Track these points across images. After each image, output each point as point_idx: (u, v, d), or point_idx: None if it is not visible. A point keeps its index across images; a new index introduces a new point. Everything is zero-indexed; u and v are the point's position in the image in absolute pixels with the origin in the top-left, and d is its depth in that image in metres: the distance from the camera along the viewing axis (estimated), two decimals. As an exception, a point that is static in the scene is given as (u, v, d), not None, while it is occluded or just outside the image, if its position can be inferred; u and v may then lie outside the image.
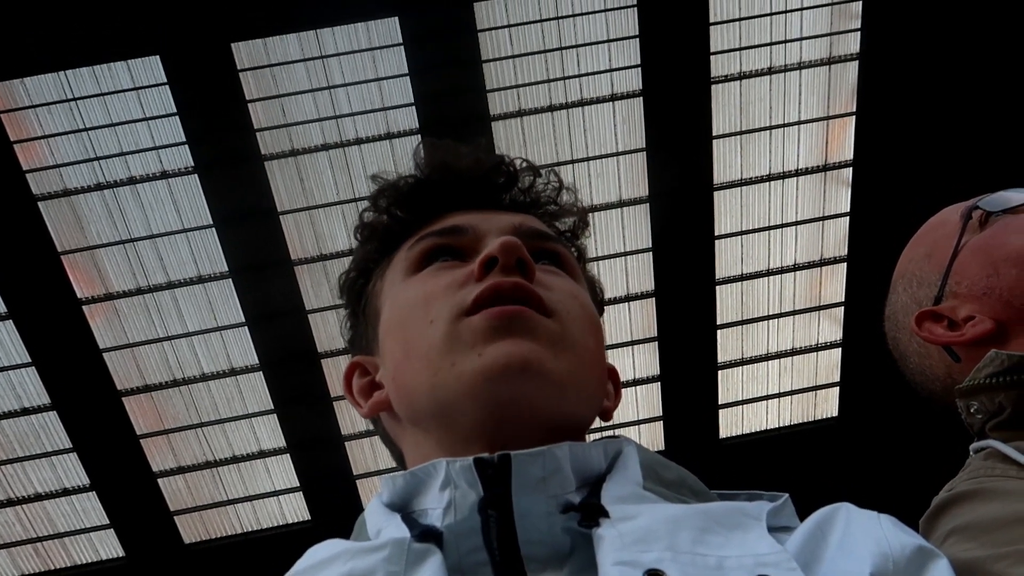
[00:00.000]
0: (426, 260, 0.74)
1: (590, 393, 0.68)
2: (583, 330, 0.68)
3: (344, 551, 0.57)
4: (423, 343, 0.66)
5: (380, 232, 0.81)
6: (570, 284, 0.73)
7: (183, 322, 7.16)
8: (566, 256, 0.77)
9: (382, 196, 0.81)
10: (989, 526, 0.75)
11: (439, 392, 0.64)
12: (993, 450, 0.86)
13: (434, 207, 0.78)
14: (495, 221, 0.75)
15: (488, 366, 0.61)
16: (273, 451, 7.85)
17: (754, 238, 7.61)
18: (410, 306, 0.70)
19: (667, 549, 0.50)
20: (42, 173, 6.39)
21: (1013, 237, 0.95)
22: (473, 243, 0.72)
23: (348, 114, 6.63)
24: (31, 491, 7.64)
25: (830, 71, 6.97)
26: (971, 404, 0.91)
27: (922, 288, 1.03)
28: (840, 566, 0.52)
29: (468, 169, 0.79)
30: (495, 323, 0.62)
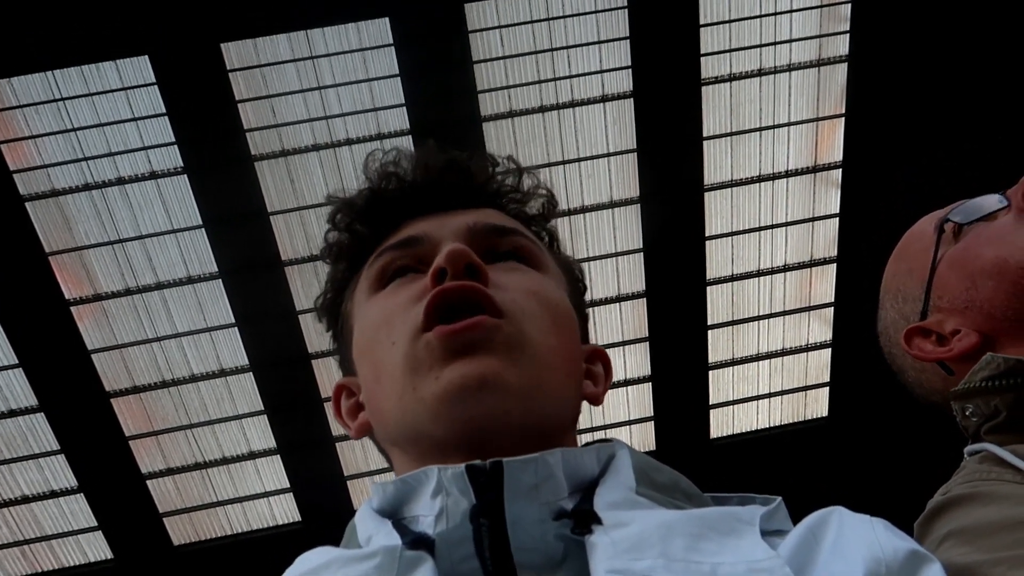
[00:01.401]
0: (387, 275, 0.73)
1: (558, 391, 0.67)
2: (542, 328, 0.66)
3: (335, 559, 0.57)
4: (388, 366, 0.66)
5: (344, 250, 0.81)
6: (530, 279, 0.71)
7: (172, 323, 7.13)
8: (527, 248, 0.75)
9: (339, 214, 0.81)
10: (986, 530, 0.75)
11: (406, 417, 0.64)
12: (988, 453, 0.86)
13: (391, 217, 0.78)
14: (449, 225, 0.73)
15: (444, 389, 0.61)
16: (263, 452, 7.82)
17: (744, 239, 7.64)
18: (374, 328, 0.70)
19: (660, 556, 0.50)
20: (30, 173, 6.34)
21: (985, 248, 0.94)
22: (430, 252, 0.71)
23: (339, 115, 6.62)
24: (18, 493, 7.58)
25: (819, 73, 7.01)
26: (966, 407, 0.91)
27: (907, 303, 1.04)
28: (833, 570, 0.52)
29: (419, 175, 0.78)
30: (447, 343, 0.62)
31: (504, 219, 0.77)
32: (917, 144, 7.11)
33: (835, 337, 8.13)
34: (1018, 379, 0.85)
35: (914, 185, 7.05)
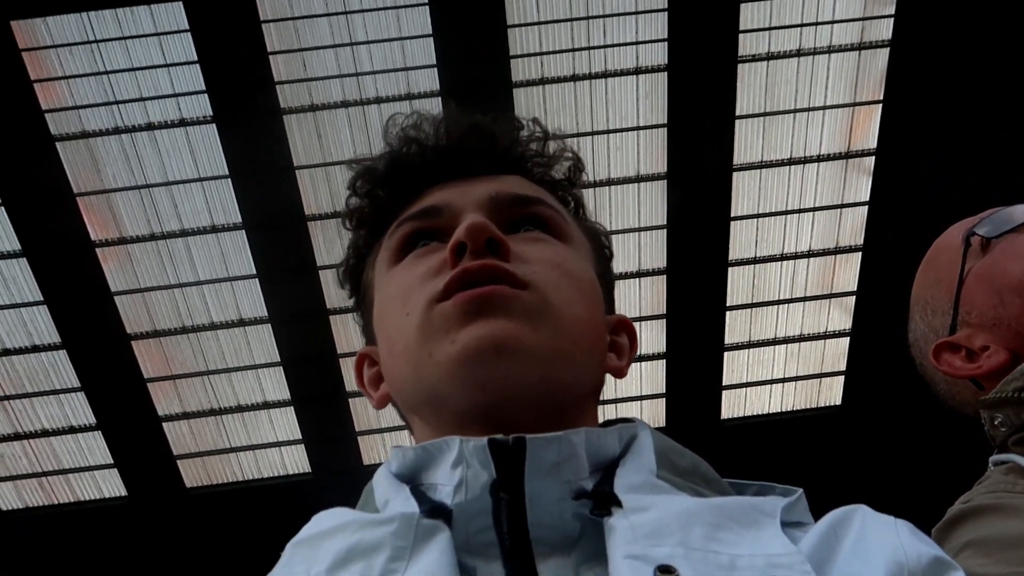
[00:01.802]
0: (407, 245, 0.72)
1: (581, 360, 0.66)
2: (568, 297, 0.65)
3: (352, 521, 0.57)
4: (403, 336, 0.65)
5: (365, 217, 0.80)
6: (553, 250, 0.69)
7: (195, 270, 7.20)
8: (551, 218, 0.73)
9: (359, 180, 0.79)
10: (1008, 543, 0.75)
11: (423, 384, 0.64)
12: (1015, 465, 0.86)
13: (413, 184, 0.76)
14: (471, 194, 0.72)
15: (461, 351, 0.60)
16: (277, 403, 7.93)
17: (770, 222, 7.55)
18: (391, 299, 0.69)
19: (679, 545, 0.49)
20: (61, 114, 6.39)
21: (1012, 264, 0.93)
22: (450, 222, 0.70)
23: (369, 72, 6.58)
24: (38, 427, 7.77)
25: (860, 57, 6.85)
26: (995, 416, 0.90)
27: (936, 316, 1.03)
28: (853, 571, 0.51)
29: (440, 140, 0.76)
30: (466, 307, 0.61)
31: (528, 187, 0.75)
32: (954, 137, 6.96)
33: (855, 326, 8.06)
34: None
35: (948, 178, 6.92)
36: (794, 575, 0.47)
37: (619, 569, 0.48)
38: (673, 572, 0.47)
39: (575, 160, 0.81)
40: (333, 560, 0.53)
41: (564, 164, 0.81)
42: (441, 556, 0.51)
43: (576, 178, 0.82)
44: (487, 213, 0.69)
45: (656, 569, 0.47)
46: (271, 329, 7.49)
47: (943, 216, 1.09)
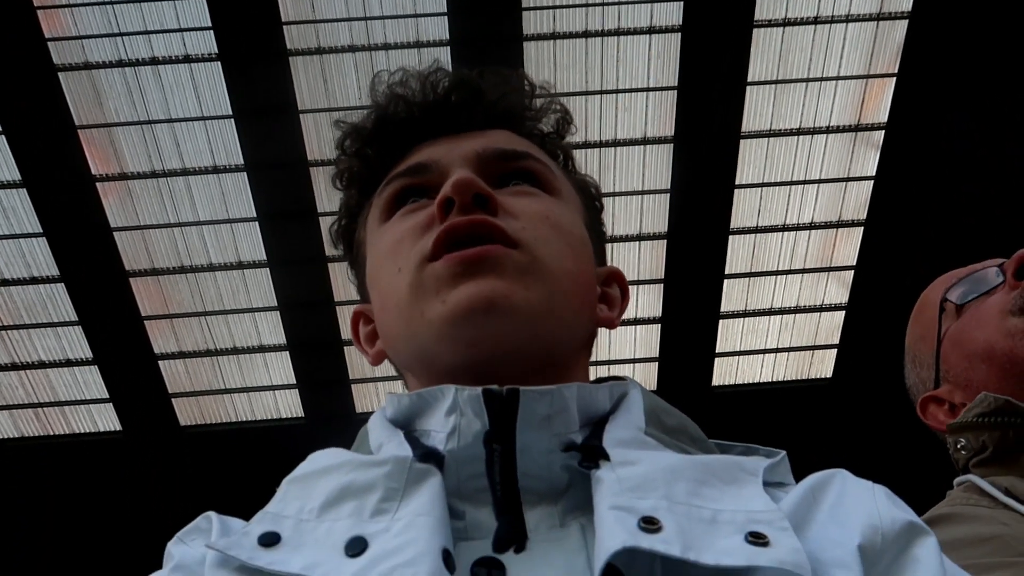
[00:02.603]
0: (396, 203, 0.72)
1: (571, 315, 0.67)
2: (557, 253, 0.66)
3: (346, 461, 0.58)
4: (394, 293, 0.66)
5: (355, 176, 0.80)
6: (542, 204, 0.70)
7: (195, 210, 7.18)
8: (540, 172, 0.73)
9: (347, 140, 0.79)
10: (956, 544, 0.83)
11: (414, 342, 0.65)
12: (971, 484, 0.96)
13: (401, 141, 0.76)
14: (458, 149, 0.72)
15: (451, 311, 0.61)
16: (273, 347, 7.99)
17: (774, 191, 7.52)
18: (382, 256, 0.70)
19: (663, 498, 0.50)
20: (64, 43, 6.29)
21: (976, 332, 1.03)
22: (438, 178, 0.70)
23: (379, 17, 6.47)
24: (35, 358, 7.82)
25: (877, 27, 6.74)
26: (959, 440, 1.01)
27: (923, 369, 1.14)
28: (829, 533, 0.52)
29: (427, 96, 0.75)
30: (456, 268, 0.62)
31: (516, 141, 0.75)
32: (968, 116, 6.88)
33: (851, 301, 8.08)
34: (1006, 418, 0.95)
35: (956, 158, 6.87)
36: (772, 530, 0.48)
37: (604, 519, 0.49)
38: (656, 524, 0.48)
39: (563, 113, 0.81)
40: (326, 498, 0.55)
41: (552, 117, 0.81)
42: (432, 498, 0.53)
43: (564, 131, 0.82)
44: (475, 168, 0.69)
45: (640, 520, 0.48)
46: (269, 273, 7.50)
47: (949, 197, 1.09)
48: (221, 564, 0.54)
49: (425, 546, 0.49)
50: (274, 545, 0.52)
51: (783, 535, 0.48)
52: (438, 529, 0.51)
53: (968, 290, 1.07)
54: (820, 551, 0.50)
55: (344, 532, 0.52)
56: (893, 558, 0.52)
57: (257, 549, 0.52)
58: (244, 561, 0.52)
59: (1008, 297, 1.01)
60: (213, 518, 0.63)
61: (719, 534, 0.48)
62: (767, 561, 0.46)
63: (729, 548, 0.47)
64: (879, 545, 0.51)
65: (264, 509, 0.57)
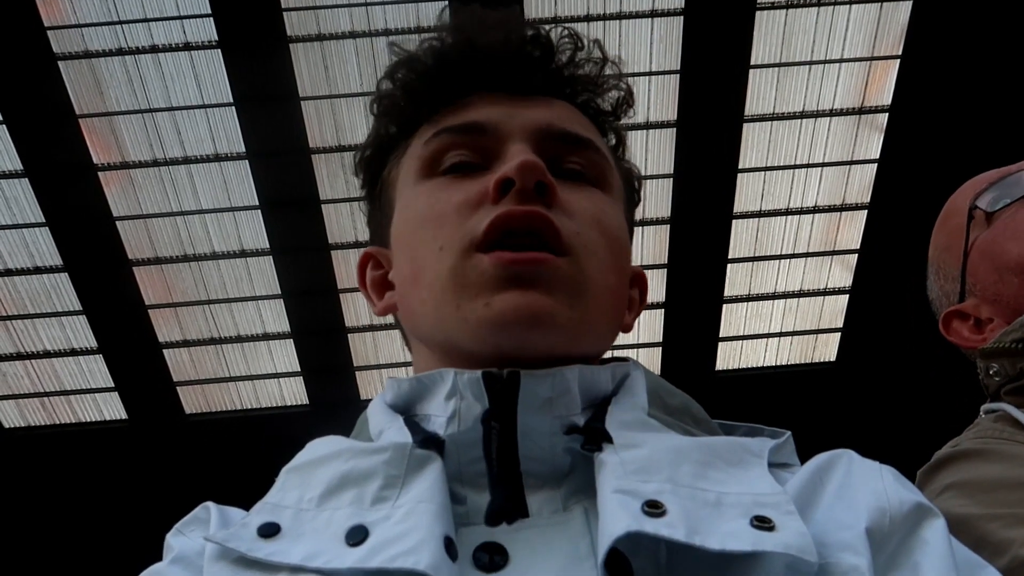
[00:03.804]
0: (441, 159, 0.67)
1: (606, 329, 0.66)
2: (603, 265, 0.64)
3: (346, 449, 0.58)
4: (430, 272, 0.62)
5: (397, 111, 0.73)
6: (595, 203, 0.66)
7: (197, 199, 7.17)
8: (598, 163, 0.69)
9: (400, 69, 0.72)
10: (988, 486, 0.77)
11: (441, 330, 0.62)
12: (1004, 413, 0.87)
13: (457, 87, 0.70)
14: (520, 118, 0.67)
15: (494, 318, 0.58)
16: (277, 335, 8.00)
17: (777, 175, 7.49)
18: (420, 221, 0.65)
19: (667, 481, 0.50)
20: (64, 31, 6.26)
21: (1010, 244, 0.94)
22: (494, 144, 0.66)
23: (379, 2, 6.43)
24: (40, 348, 7.85)
25: (881, 9, 6.68)
26: (991, 366, 0.92)
27: (948, 282, 1.04)
28: (836, 515, 0.51)
29: (496, 45, 0.69)
30: (505, 272, 0.59)
31: (580, 123, 0.71)
32: (971, 98, 6.84)
33: (855, 284, 8.06)
34: None
35: (960, 140, 6.82)
36: (778, 514, 0.48)
37: (607, 503, 0.49)
38: (660, 507, 0.47)
39: (627, 93, 0.76)
40: (326, 486, 0.55)
41: (615, 94, 0.76)
42: (433, 485, 0.52)
43: (624, 113, 0.77)
44: (535, 144, 0.65)
45: (644, 504, 0.47)
46: (272, 261, 7.50)
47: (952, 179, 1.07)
48: (220, 556, 0.54)
49: (427, 533, 0.48)
50: (274, 536, 0.52)
51: (789, 519, 0.48)
52: (440, 515, 0.50)
53: (1000, 195, 0.98)
54: (826, 534, 0.50)
55: (344, 521, 0.51)
56: (901, 540, 0.51)
57: (256, 540, 0.51)
58: (243, 553, 0.51)
59: None
60: (212, 508, 0.63)
61: (724, 518, 0.48)
62: (773, 546, 0.46)
63: (734, 532, 0.47)
64: (887, 527, 0.51)
65: (263, 499, 0.56)
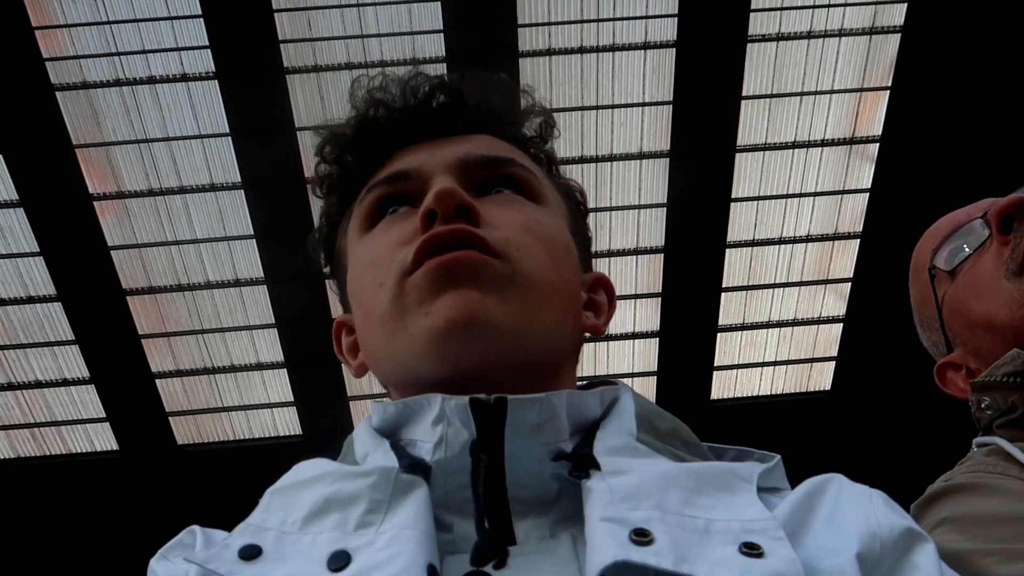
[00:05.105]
0: (378, 212, 0.70)
1: (553, 325, 0.65)
2: (539, 261, 0.64)
3: (331, 472, 0.57)
4: (376, 308, 0.64)
5: (335, 183, 0.78)
6: (524, 212, 0.68)
7: (192, 228, 7.18)
8: (523, 177, 0.71)
9: (327, 146, 0.78)
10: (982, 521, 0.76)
11: (398, 357, 0.63)
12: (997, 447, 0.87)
13: (381, 147, 0.74)
14: (439, 156, 0.70)
15: (433, 325, 0.59)
16: (270, 364, 7.96)
17: (770, 204, 7.54)
18: (363, 268, 0.68)
19: (656, 508, 0.50)
20: (62, 63, 6.31)
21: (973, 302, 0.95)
22: (420, 186, 0.68)
23: (375, 34, 6.50)
24: (32, 378, 7.79)
25: (870, 41, 6.79)
26: (983, 399, 0.92)
27: (933, 333, 1.06)
28: (826, 540, 0.51)
29: (407, 101, 0.74)
30: (436, 274, 0.60)
31: (498, 147, 0.73)
32: (961, 129, 6.92)
33: (848, 313, 8.09)
34: None
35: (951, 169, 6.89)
36: (767, 540, 0.48)
37: (595, 531, 0.48)
38: (648, 535, 0.47)
39: (546, 116, 0.79)
40: (310, 509, 0.54)
41: (535, 121, 0.79)
42: (418, 511, 0.52)
43: (548, 135, 0.79)
44: (457, 176, 0.68)
45: (632, 532, 0.47)
46: (266, 290, 7.49)
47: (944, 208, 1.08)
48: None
49: (410, 560, 0.48)
50: (255, 558, 0.51)
51: (778, 545, 0.47)
52: (424, 543, 0.49)
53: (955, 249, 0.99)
54: (816, 559, 0.49)
55: (327, 545, 0.51)
56: (891, 566, 0.51)
57: (237, 563, 0.50)
58: (223, 575, 0.50)
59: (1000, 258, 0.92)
60: (197, 532, 0.62)
61: (712, 545, 0.48)
62: (761, 573, 0.45)
63: (723, 560, 0.46)
64: (877, 553, 0.50)
65: (246, 521, 0.55)
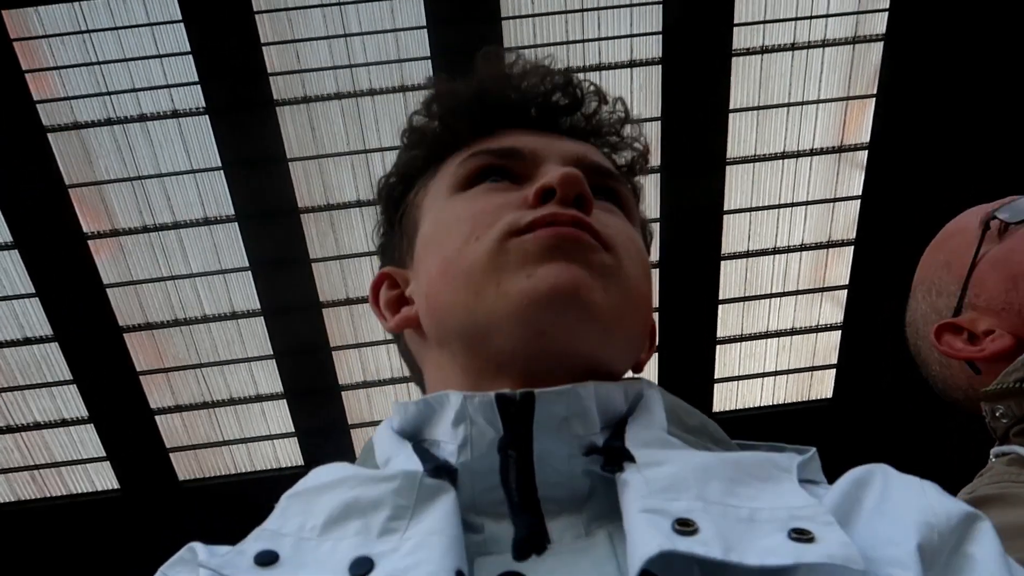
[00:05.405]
0: (476, 178, 0.68)
1: (633, 338, 0.64)
2: (638, 273, 0.64)
3: (351, 476, 0.55)
4: (465, 260, 0.61)
5: (429, 139, 0.75)
6: (627, 227, 0.68)
7: (187, 263, 7.18)
8: (626, 197, 0.71)
9: (437, 102, 0.75)
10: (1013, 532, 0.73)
11: (479, 312, 0.60)
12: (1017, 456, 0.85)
13: (490, 122, 0.72)
14: (556, 147, 0.69)
15: (536, 288, 0.57)
16: (270, 396, 7.93)
17: (763, 215, 7.57)
18: (454, 221, 0.65)
19: (697, 499, 0.47)
20: (53, 105, 6.35)
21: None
22: (529, 169, 0.67)
23: (363, 64, 6.55)
24: (30, 419, 7.74)
25: (854, 51, 6.86)
26: (997, 408, 0.90)
27: (941, 298, 1.02)
28: (879, 530, 0.48)
29: (533, 86, 0.73)
30: (549, 242, 0.59)
31: (606, 160, 0.73)
32: (948, 131, 6.98)
33: (846, 320, 8.09)
34: None
35: (940, 173, 6.94)
36: (816, 526, 0.45)
37: (635, 524, 0.46)
38: (692, 525, 0.45)
39: (645, 150, 0.79)
40: (329, 515, 0.52)
41: (632, 152, 0.79)
42: (445, 516, 0.49)
43: (641, 168, 0.79)
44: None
45: (674, 522, 0.45)
46: (263, 322, 7.48)
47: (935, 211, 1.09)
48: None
49: (437, 566, 0.45)
50: (271, 564, 0.48)
51: (828, 530, 0.45)
52: (451, 548, 0.47)
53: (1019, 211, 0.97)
54: (872, 549, 0.46)
55: (349, 552, 0.48)
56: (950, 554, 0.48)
57: (253, 569, 0.48)
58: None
59: None
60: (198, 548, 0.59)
61: (760, 533, 0.45)
62: (815, 557, 0.43)
63: (773, 547, 0.44)
64: (936, 543, 0.47)
65: (261, 526, 0.53)
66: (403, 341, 0.74)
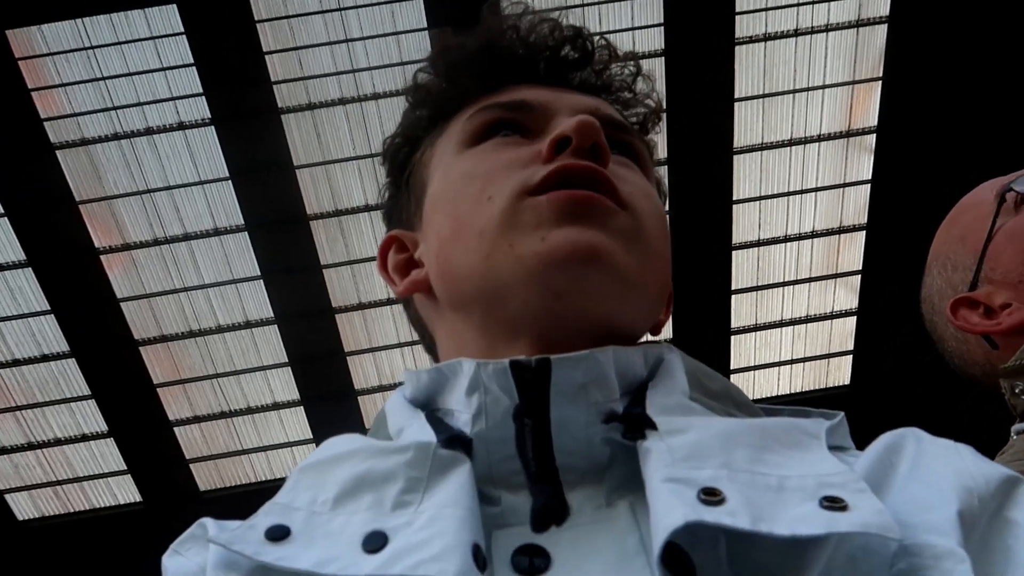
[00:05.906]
0: (486, 133, 0.65)
1: (652, 299, 0.62)
2: (655, 232, 0.61)
3: (363, 448, 0.53)
4: (477, 220, 0.59)
5: (435, 97, 0.72)
6: (645, 182, 0.65)
7: (199, 274, 7.22)
8: (641, 151, 0.69)
9: (442, 57, 0.72)
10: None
11: (492, 275, 0.57)
12: None
13: (498, 76, 0.69)
14: (567, 100, 0.66)
15: (551, 250, 0.55)
16: (287, 403, 7.96)
17: (773, 204, 7.53)
18: (465, 180, 0.62)
19: (723, 467, 0.45)
20: (60, 122, 6.39)
21: None
22: (541, 122, 0.64)
23: (366, 68, 6.56)
24: (51, 436, 7.81)
25: (858, 34, 6.81)
26: (1016, 385, 0.88)
27: (957, 272, 1.00)
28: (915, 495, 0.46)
29: (541, 39, 0.70)
30: (563, 206, 0.56)
31: (618, 115, 0.70)
32: (955, 112, 6.92)
33: (861, 305, 8.03)
34: None
35: (949, 154, 6.87)
36: (848, 493, 0.43)
37: (658, 493, 0.44)
38: (718, 494, 0.42)
39: (657, 107, 0.76)
40: (341, 488, 0.50)
41: (644, 108, 0.76)
42: (460, 488, 0.48)
43: (653, 126, 0.77)
44: None
45: (700, 491, 0.43)
46: (277, 330, 7.51)
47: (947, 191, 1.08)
48: (224, 566, 0.50)
49: (453, 540, 0.44)
50: (283, 539, 0.47)
51: (861, 497, 0.43)
52: (467, 521, 0.46)
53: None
54: (909, 515, 0.44)
55: (362, 526, 0.47)
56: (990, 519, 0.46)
57: (264, 543, 0.47)
58: (249, 556, 0.47)
59: None
60: (208, 524, 0.58)
61: (790, 502, 0.43)
62: (848, 526, 0.41)
63: (803, 516, 0.42)
64: (976, 509, 0.45)
65: (272, 500, 0.52)
66: (413, 307, 0.71)
